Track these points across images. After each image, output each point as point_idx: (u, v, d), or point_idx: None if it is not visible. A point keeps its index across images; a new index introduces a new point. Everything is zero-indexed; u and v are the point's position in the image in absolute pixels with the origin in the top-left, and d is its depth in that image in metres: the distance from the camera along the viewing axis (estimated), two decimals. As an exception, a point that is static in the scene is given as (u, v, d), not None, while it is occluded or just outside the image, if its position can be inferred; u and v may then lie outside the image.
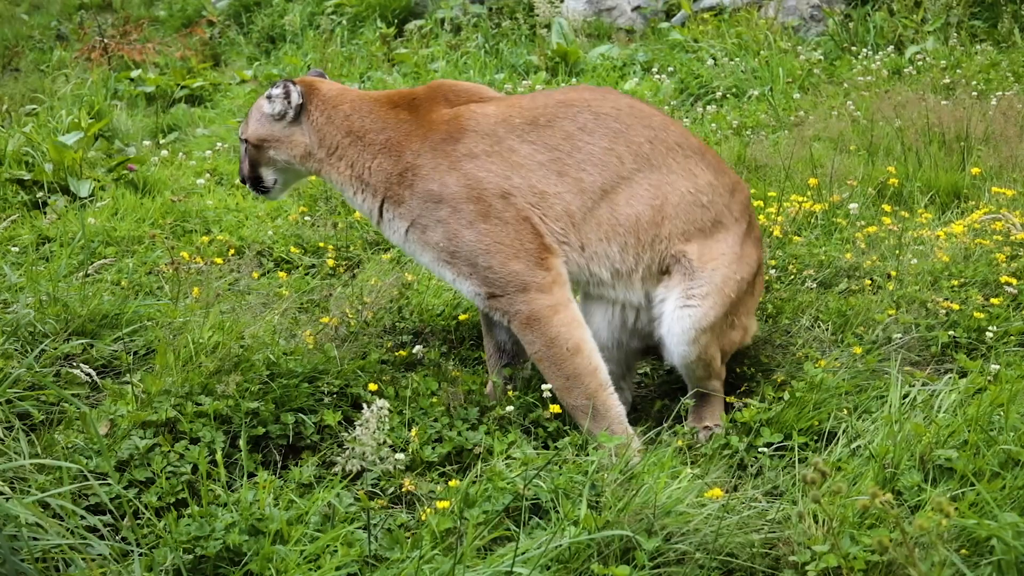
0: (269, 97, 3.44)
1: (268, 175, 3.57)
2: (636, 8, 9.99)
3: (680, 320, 3.26)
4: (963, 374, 3.37)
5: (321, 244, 4.95)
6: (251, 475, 2.88)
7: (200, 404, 3.04)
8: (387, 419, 2.95)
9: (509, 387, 3.45)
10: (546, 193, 3.22)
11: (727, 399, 3.40)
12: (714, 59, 8.39)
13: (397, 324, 3.98)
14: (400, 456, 2.92)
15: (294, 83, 3.44)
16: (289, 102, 3.42)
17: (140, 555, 2.40)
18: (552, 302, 3.15)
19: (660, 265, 3.30)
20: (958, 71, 7.33)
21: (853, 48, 8.31)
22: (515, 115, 3.30)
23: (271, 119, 3.46)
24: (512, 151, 3.24)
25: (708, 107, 7.49)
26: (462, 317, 3.98)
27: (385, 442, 2.93)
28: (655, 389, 3.74)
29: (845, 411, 3.14)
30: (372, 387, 3.29)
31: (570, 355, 3.14)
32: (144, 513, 2.60)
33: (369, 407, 2.94)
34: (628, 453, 2.90)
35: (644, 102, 3.54)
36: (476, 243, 3.17)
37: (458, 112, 3.33)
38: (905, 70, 7.52)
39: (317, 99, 3.44)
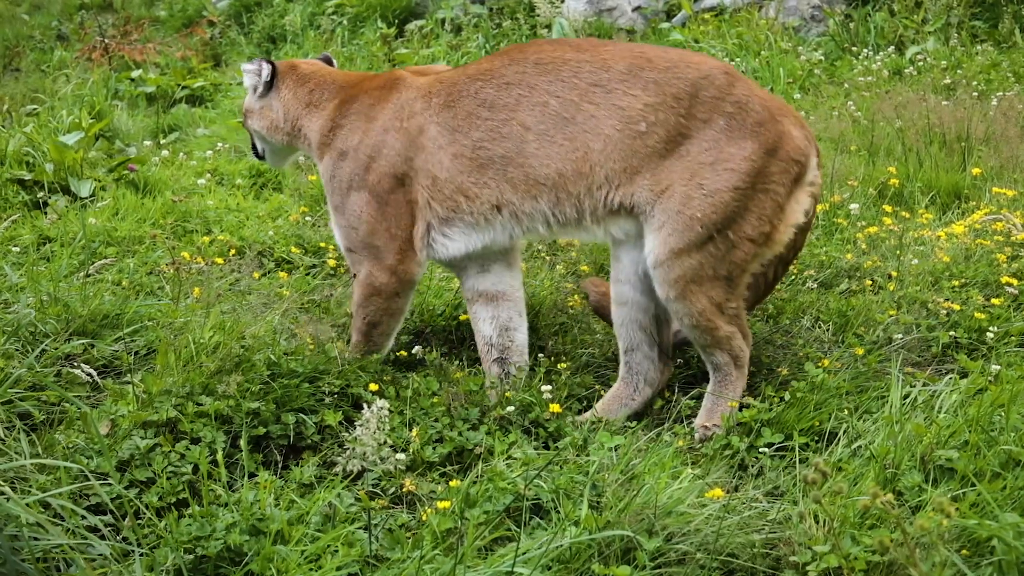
0: (246, 71, 3.84)
1: (257, 143, 4.00)
2: (637, 8, 9.99)
3: (648, 256, 3.26)
4: (964, 374, 3.37)
5: (322, 244, 4.95)
6: (252, 475, 2.88)
7: (201, 404, 3.04)
8: (388, 419, 2.95)
9: (504, 383, 3.47)
10: (438, 179, 3.41)
11: (730, 403, 3.31)
12: (715, 59, 8.39)
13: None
14: (401, 456, 2.92)
15: (266, 60, 3.81)
16: (260, 77, 3.79)
17: (141, 555, 2.40)
18: (382, 285, 3.50)
19: (608, 207, 3.29)
20: (959, 71, 7.33)
21: (854, 48, 8.31)
22: (435, 91, 3.47)
23: (250, 92, 3.87)
24: (420, 131, 3.44)
25: (709, 107, 7.48)
26: (463, 317, 3.97)
27: (386, 442, 2.93)
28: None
29: (846, 411, 3.14)
30: (373, 387, 3.29)
31: (363, 327, 3.56)
32: (145, 513, 2.60)
33: (370, 407, 2.94)
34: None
35: (562, 45, 3.46)
36: (354, 205, 3.51)
37: (393, 80, 3.61)
38: (906, 70, 7.53)
39: (290, 77, 3.79)
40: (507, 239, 3.46)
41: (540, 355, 3.71)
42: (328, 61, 4.03)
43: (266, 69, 3.77)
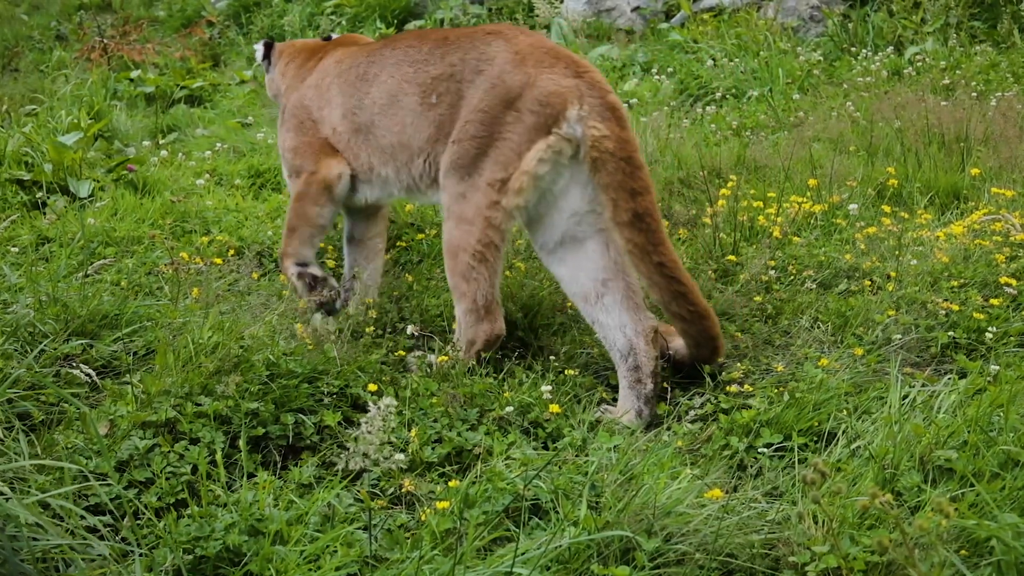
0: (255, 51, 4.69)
1: None
2: (636, 9, 9.99)
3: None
4: (963, 375, 3.38)
5: (321, 245, 4.94)
6: (251, 475, 2.88)
7: (200, 404, 3.04)
8: (392, 417, 2.94)
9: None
10: (337, 130, 4.02)
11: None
12: (714, 60, 8.39)
13: (397, 324, 3.98)
14: (400, 456, 2.91)
15: (264, 42, 4.62)
16: (258, 57, 4.64)
17: (140, 555, 2.40)
18: (303, 190, 4.06)
19: (430, 174, 3.72)
20: (957, 72, 7.33)
21: (852, 49, 8.31)
22: (344, 60, 4.09)
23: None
24: (328, 89, 4.07)
25: (708, 108, 7.49)
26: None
27: (387, 441, 2.93)
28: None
29: (845, 412, 3.14)
30: (372, 387, 3.29)
31: (286, 230, 4.10)
32: (144, 513, 2.60)
33: (375, 406, 2.93)
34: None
35: (410, 35, 4.01)
36: (288, 141, 4.19)
37: (324, 52, 4.33)
38: (904, 71, 7.53)
39: (283, 56, 4.51)
40: (385, 197, 4.03)
41: (550, 357, 3.71)
42: (327, 40, 4.59)
43: (259, 51, 4.62)
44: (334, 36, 4.65)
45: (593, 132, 3.34)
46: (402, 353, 3.70)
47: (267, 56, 4.58)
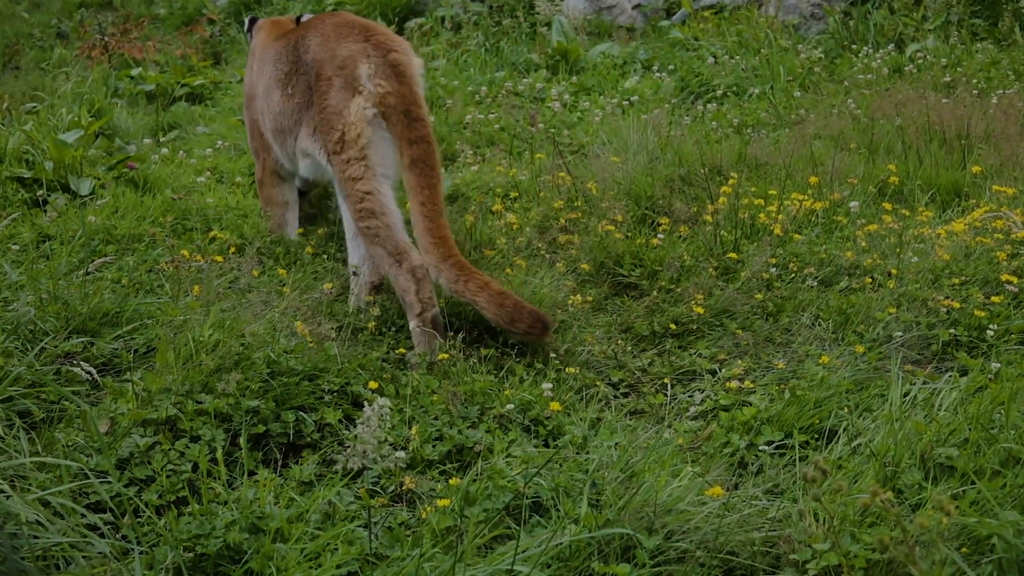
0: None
1: None
2: (636, 6, 9.98)
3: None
4: (964, 372, 3.37)
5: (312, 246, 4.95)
6: (251, 473, 2.88)
7: (201, 402, 3.04)
8: (388, 417, 2.94)
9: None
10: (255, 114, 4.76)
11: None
12: (715, 57, 8.38)
13: (397, 321, 3.98)
14: (400, 454, 2.92)
15: (249, 19, 5.16)
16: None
17: (140, 553, 2.40)
18: (260, 177, 4.86)
19: (297, 154, 4.31)
20: (959, 69, 7.32)
21: (853, 46, 8.30)
22: (255, 57, 4.74)
23: None
24: (259, 73, 4.66)
25: (709, 105, 7.48)
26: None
27: (386, 440, 2.93)
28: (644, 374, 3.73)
29: (846, 409, 3.14)
30: (372, 385, 3.29)
31: (264, 211, 4.90)
32: (144, 511, 2.60)
33: (371, 405, 2.93)
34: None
35: (280, 36, 4.53)
36: (246, 121, 4.94)
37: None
38: (906, 68, 7.52)
39: (260, 32, 4.91)
40: (291, 172, 4.67)
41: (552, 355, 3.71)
42: (298, 21, 4.93)
43: (246, 24, 5.20)
44: (306, 17, 5.00)
45: (379, 89, 3.88)
46: (403, 351, 3.71)
47: (250, 30, 5.16)
